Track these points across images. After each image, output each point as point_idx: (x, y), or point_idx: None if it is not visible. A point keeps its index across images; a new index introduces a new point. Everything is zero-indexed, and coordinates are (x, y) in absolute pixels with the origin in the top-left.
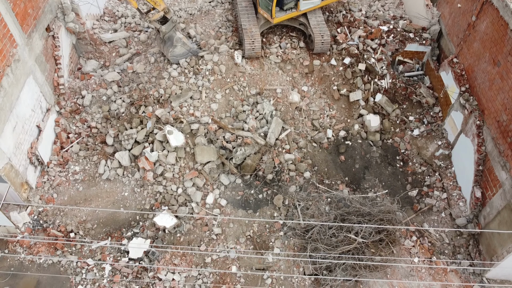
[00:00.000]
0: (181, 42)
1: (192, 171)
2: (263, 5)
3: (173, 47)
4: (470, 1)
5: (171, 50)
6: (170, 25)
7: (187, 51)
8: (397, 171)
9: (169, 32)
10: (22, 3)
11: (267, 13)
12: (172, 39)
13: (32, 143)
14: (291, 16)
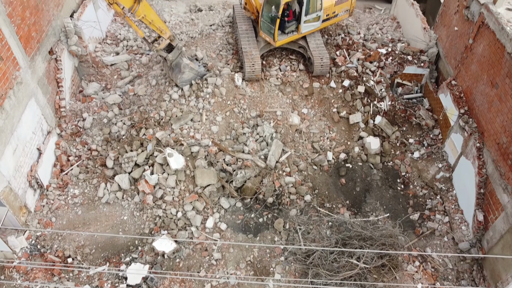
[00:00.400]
0: (189, 68)
1: (192, 194)
2: (264, 29)
3: (181, 73)
4: (466, 24)
5: (179, 77)
6: (176, 52)
7: (195, 75)
8: (398, 194)
9: (176, 59)
10: (26, 27)
11: (269, 36)
12: (179, 65)
13: (32, 166)
14: (293, 39)
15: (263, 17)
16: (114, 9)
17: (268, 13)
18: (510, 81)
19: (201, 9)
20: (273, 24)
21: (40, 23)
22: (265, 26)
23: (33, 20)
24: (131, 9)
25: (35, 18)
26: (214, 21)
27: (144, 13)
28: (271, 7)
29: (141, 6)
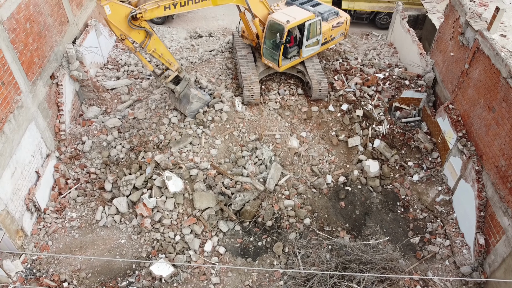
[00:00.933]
0: (197, 98)
1: (190, 217)
2: (267, 55)
3: (190, 104)
4: (462, 50)
5: (188, 107)
6: (183, 84)
7: (203, 104)
8: (398, 217)
9: (184, 90)
10: (28, 52)
11: (273, 62)
12: (188, 96)
13: (30, 189)
14: (295, 63)
15: (266, 45)
16: (125, 44)
17: (271, 40)
18: (506, 105)
19: (201, 36)
20: (276, 50)
21: (42, 49)
22: (268, 53)
23: (35, 46)
24: (142, 44)
25: (37, 44)
26: (214, 47)
27: (154, 47)
28: (273, 34)
29: (152, 40)
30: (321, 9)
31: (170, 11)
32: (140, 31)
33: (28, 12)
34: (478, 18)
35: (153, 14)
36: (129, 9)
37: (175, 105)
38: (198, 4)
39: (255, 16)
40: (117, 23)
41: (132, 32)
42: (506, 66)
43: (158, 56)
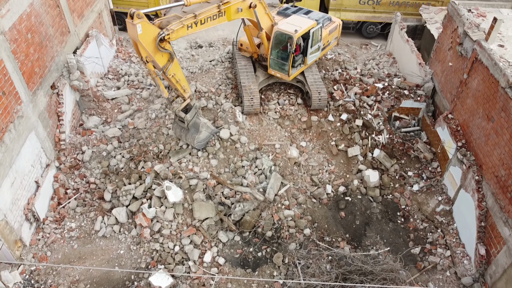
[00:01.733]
0: (206, 127)
1: (190, 227)
2: (275, 66)
3: (199, 133)
4: (460, 60)
5: (197, 137)
6: (193, 112)
7: (209, 133)
8: (398, 227)
9: (193, 118)
10: (29, 62)
11: (281, 72)
12: (197, 125)
13: (29, 199)
14: (302, 71)
15: (272, 55)
16: (148, 67)
17: (277, 51)
18: (505, 114)
19: (201, 46)
20: (285, 60)
21: (43, 59)
22: (276, 63)
23: (36, 56)
24: (164, 68)
25: (38, 54)
26: (214, 57)
27: (174, 72)
28: (279, 45)
29: (173, 65)
30: (315, 16)
31: (192, 29)
32: (164, 54)
33: (29, 22)
34: (476, 29)
35: (178, 35)
36: (158, 30)
37: (180, 135)
38: (215, 20)
39: (262, 29)
40: (145, 44)
41: (157, 54)
42: (504, 76)
43: (175, 81)
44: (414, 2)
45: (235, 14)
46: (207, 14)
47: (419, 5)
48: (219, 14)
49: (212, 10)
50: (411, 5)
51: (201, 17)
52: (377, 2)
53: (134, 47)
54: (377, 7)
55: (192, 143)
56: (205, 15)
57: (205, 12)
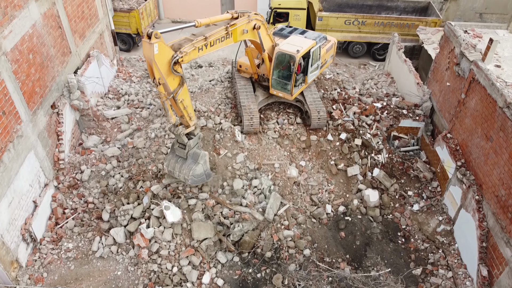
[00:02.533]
0: (203, 160)
1: (188, 248)
2: (277, 86)
3: (196, 165)
4: (458, 80)
5: (193, 168)
6: (195, 141)
7: (203, 172)
8: (399, 247)
9: (193, 148)
10: (30, 83)
11: (284, 92)
12: (196, 156)
13: (26, 219)
14: (303, 89)
15: (274, 76)
16: (159, 90)
17: (278, 71)
18: (504, 134)
19: (201, 66)
20: (287, 80)
21: (44, 79)
22: (278, 83)
23: (37, 76)
24: (174, 92)
25: (39, 74)
26: (214, 76)
27: (183, 97)
28: (281, 65)
29: (182, 90)
30: (312, 36)
31: (203, 52)
32: (175, 78)
33: (31, 43)
34: (473, 49)
35: (190, 57)
36: (172, 52)
37: (174, 167)
38: (223, 42)
39: (264, 50)
40: (160, 64)
41: (169, 77)
42: (502, 96)
43: (183, 107)
44: (398, 23)
45: (241, 36)
46: (216, 36)
47: (403, 25)
48: (226, 36)
49: (221, 32)
50: (395, 25)
51: (211, 39)
52: (362, 23)
53: (148, 68)
54: (362, 27)
55: (187, 175)
56: (215, 37)
57: (214, 34)
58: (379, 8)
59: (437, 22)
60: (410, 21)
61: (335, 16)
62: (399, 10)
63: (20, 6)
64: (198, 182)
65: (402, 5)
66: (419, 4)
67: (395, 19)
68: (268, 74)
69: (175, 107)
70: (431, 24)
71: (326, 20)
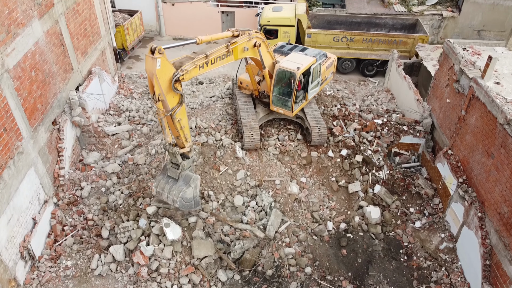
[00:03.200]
0: (195, 184)
1: (188, 266)
2: (278, 103)
3: (187, 187)
4: (458, 97)
5: (183, 190)
6: (189, 163)
7: (192, 198)
8: (401, 265)
9: (187, 170)
10: (32, 99)
11: (284, 108)
12: (188, 178)
13: (25, 236)
14: (303, 106)
15: (275, 93)
16: (157, 106)
17: (279, 88)
18: (505, 151)
19: (202, 82)
20: (287, 97)
21: (46, 95)
22: (278, 100)
23: (39, 93)
24: (172, 110)
25: (41, 91)
26: (214, 93)
27: (180, 117)
28: (281, 82)
29: (180, 109)
30: (312, 53)
31: (203, 69)
32: (175, 95)
33: (34, 60)
34: (472, 66)
35: (191, 75)
36: (174, 70)
37: (163, 188)
38: (224, 60)
39: (265, 67)
40: (161, 81)
41: (169, 94)
42: (502, 113)
43: (179, 127)
44: (386, 39)
45: (241, 53)
46: (217, 54)
47: (391, 42)
48: (227, 54)
49: (221, 50)
50: (383, 42)
51: (212, 57)
52: (351, 39)
53: (149, 83)
54: (351, 44)
55: (176, 196)
56: (216, 55)
57: (215, 52)
58: (368, 25)
59: (425, 38)
60: (397, 37)
61: (324, 33)
62: (387, 27)
63: (23, 24)
64: (186, 207)
65: (391, 22)
66: (407, 21)
67: (383, 36)
68: (269, 91)
69: (171, 127)
70: (418, 41)
71: (315, 37)
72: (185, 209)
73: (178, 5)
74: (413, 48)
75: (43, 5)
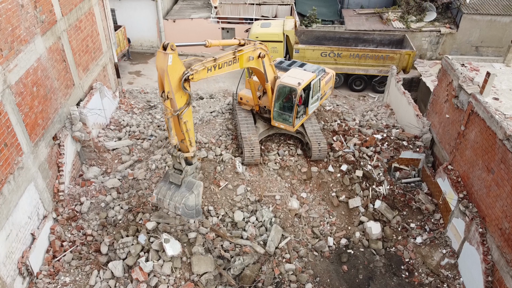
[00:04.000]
0: (198, 191)
1: (188, 282)
2: (278, 118)
3: (190, 193)
4: (457, 112)
5: (186, 196)
6: (193, 169)
7: (195, 205)
8: (403, 282)
9: (190, 176)
10: (33, 115)
11: (285, 123)
12: (191, 184)
13: (24, 252)
14: (304, 121)
15: (276, 108)
16: (166, 105)
17: (280, 103)
18: (505, 166)
19: (203, 97)
20: (289, 112)
21: (47, 111)
22: (279, 115)
23: (40, 109)
24: (180, 110)
25: (42, 106)
26: (215, 108)
27: (187, 118)
28: (282, 97)
29: (187, 111)
30: (311, 68)
31: (211, 73)
32: (183, 95)
33: (36, 76)
34: (471, 82)
35: (199, 76)
36: (184, 68)
37: (164, 194)
38: (230, 66)
39: (268, 80)
40: (172, 78)
41: (178, 93)
42: (501, 129)
43: (185, 129)
44: (373, 55)
45: (246, 62)
46: (224, 59)
47: (378, 57)
48: (233, 61)
49: (229, 56)
50: (370, 57)
51: (220, 61)
52: (338, 55)
53: (158, 81)
54: (338, 59)
55: (179, 203)
56: (223, 60)
57: (223, 57)
58: (356, 41)
59: (411, 54)
60: (384, 53)
61: (311, 49)
62: (375, 43)
63: (26, 40)
64: (188, 215)
65: (378, 37)
66: (394, 36)
67: (370, 51)
68: (270, 106)
69: (177, 129)
70: (405, 56)
71: (303, 52)
72: (187, 217)
73: (179, 22)
74: (400, 63)
75: (46, 22)
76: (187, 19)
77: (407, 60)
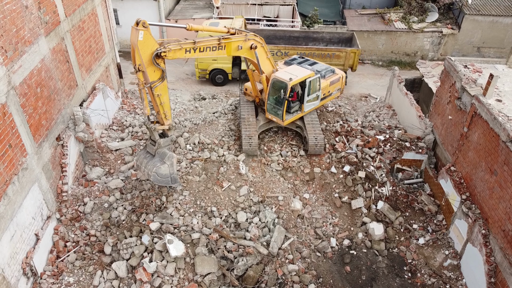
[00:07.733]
0: (170, 162)
1: (191, 283)
2: (271, 110)
3: (161, 163)
4: (460, 114)
5: (158, 166)
6: (167, 141)
7: (168, 174)
8: (405, 283)
9: (164, 148)
10: (37, 115)
11: (276, 117)
12: (164, 155)
13: (28, 253)
14: (297, 118)
15: (269, 100)
16: (137, 76)
17: (273, 96)
18: (508, 168)
19: (205, 98)
20: (280, 106)
21: (50, 111)
22: (272, 108)
23: (44, 109)
24: (152, 83)
25: (46, 107)
26: (217, 109)
27: (160, 92)
28: (276, 91)
29: (161, 85)
30: (319, 67)
31: (190, 54)
32: (156, 70)
33: (39, 77)
34: (473, 84)
35: (175, 55)
36: (157, 45)
37: (141, 162)
38: (215, 52)
39: (262, 72)
40: (143, 52)
41: (150, 67)
42: (504, 130)
43: (159, 103)
44: (320, 53)
45: (235, 51)
46: (206, 43)
47: (325, 56)
48: (218, 47)
49: (212, 42)
50: (317, 55)
51: (200, 44)
52: (285, 54)
53: (131, 53)
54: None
55: (150, 171)
56: (204, 44)
57: (204, 41)
58: (306, 39)
59: (356, 52)
60: (330, 51)
61: None
62: (325, 41)
63: (30, 41)
64: (162, 182)
65: (328, 36)
66: (343, 35)
67: (316, 50)
68: (265, 98)
69: (152, 101)
70: (350, 54)
71: None
72: (160, 184)
73: (181, 22)
74: (346, 61)
75: (49, 23)
76: (189, 19)
77: (353, 58)
